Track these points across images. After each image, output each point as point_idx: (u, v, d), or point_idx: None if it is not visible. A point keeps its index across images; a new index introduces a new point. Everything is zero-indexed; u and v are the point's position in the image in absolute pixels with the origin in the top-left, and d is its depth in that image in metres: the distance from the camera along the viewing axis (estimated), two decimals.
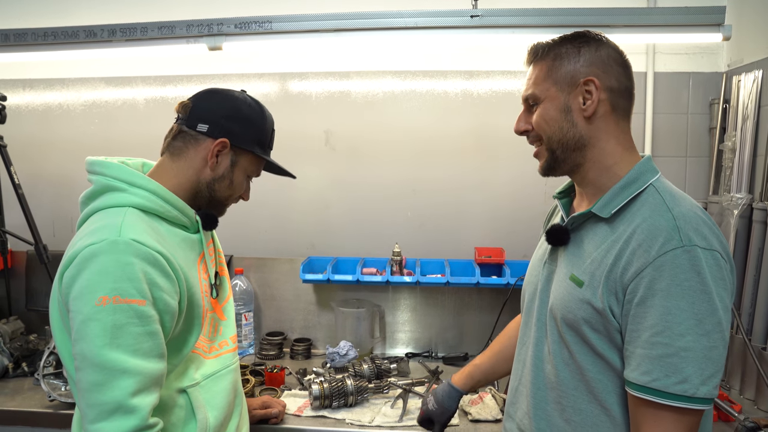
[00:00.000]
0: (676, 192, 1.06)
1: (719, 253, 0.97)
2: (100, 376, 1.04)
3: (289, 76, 2.50)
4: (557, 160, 1.14)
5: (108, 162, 1.25)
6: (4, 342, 2.14)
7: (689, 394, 0.94)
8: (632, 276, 0.99)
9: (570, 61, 1.10)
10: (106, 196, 1.22)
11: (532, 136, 1.17)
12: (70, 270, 1.09)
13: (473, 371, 1.55)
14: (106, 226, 1.13)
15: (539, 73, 1.13)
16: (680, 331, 0.94)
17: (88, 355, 1.04)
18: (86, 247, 1.09)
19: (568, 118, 1.10)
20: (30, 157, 2.56)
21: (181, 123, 1.32)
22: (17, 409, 1.80)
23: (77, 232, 1.21)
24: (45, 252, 2.27)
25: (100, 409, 1.03)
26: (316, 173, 2.48)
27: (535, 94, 1.13)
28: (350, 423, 1.72)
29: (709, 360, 0.94)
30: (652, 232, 0.99)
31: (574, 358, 1.09)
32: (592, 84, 1.08)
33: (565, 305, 1.09)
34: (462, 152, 2.44)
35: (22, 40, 1.99)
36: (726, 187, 2.12)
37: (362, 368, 1.99)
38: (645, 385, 0.96)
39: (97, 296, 1.05)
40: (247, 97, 1.37)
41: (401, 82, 2.46)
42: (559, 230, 1.16)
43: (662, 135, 2.36)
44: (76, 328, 1.06)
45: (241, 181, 1.37)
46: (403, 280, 2.28)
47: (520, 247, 2.39)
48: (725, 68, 2.30)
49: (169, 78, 2.53)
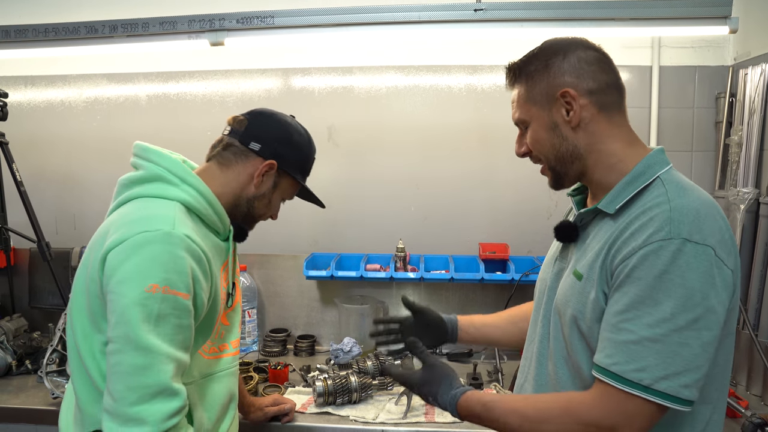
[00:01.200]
0: (684, 183, 1.03)
1: (712, 250, 0.93)
2: (145, 360, 1.04)
3: (291, 72, 2.48)
4: (560, 176, 1.14)
5: (163, 153, 1.28)
6: (7, 339, 2.14)
7: (645, 384, 0.92)
8: (619, 262, 0.99)
9: (541, 77, 1.10)
10: (154, 185, 1.24)
11: (533, 157, 1.18)
12: (117, 253, 1.09)
13: (476, 318, 1.57)
14: (158, 217, 1.14)
15: (519, 97, 1.15)
16: (648, 321, 0.93)
17: (133, 338, 1.04)
18: (139, 233, 1.09)
19: (557, 133, 1.10)
20: (32, 154, 2.55)
21: (233, 136, 1.35)
22: (21, 407, 1.80)
23: (114, 211, 1.23)
24: (48, 249, 2.27)
25: (143, 391, 1.03)
26: (319, 169, 2.44)
27: (521, 118, 1.15)
28: (354, 420, 1.71)
29: (676, 356, 0.92)
30: (645, 222, 0.98)
31: (571, 355, 1.08)
32: (568, 94, 1.07)
33: (567, 300, 1.09)
34: (466, 147, 2.43)
35: (23, 37, 1.98)
36: (732, 181, 2.10)
37: (366, 365, 1.98)
38: (606, 368, 0.97)
39: (147, 283, 1.06)
40: (299, 124, 1.43)
41: (404, 77, 2.44)
42: (568, 227, 1.15)
43: (668, 129, 2.34)
44: (120, 311, 1.05)
45: (278, 202, 1.43)
46: (407, 276, 2.27)
47: (525, 242, 2.38)
48: (732, 62, 2.27)
49: (171, 74, 2.52)
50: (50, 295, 2.47)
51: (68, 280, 2.45)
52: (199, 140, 2.50)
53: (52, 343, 1.90)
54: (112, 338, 1.06)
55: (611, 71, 1.10)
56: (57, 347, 1.88)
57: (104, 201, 2.72)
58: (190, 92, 2.52)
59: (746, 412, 1.62)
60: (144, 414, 1.03)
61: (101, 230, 1.20)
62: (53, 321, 2.11)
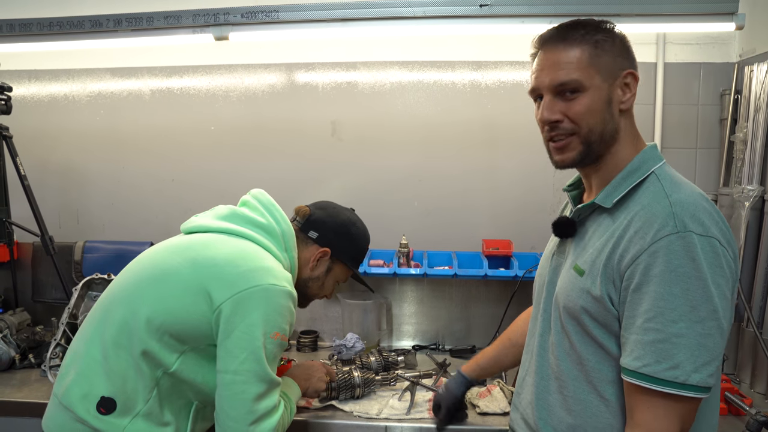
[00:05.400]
0: (677, 179, 1.06)
1: (717, 240, 0.95)
2: (265, 389, 1.28)
3: (295, 67, 2.48)
4: (591, 153, 1.09)
5: (284, 216, 1.49)
6: (11, 333, 2.14)
7: (680, 381, 0.93)
8: (629, 263, 0.99)
9: (611, 49, 1.07)
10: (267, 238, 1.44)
11: (563, 126, 1.08)
12: (249, 297, 1.27)
13: (480, 358, 1.57)
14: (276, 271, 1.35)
15: (582, 57, 1.05)
16: (673, 317, 0.94)
17: (261, 373, 1.27)
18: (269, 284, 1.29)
19: (609, 110, 1.07)
20: (36, 148, 2.55)
21: (297, 224, 1.55)
22: (24, 401, 1.80)
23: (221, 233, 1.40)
24: (51, 243, 2.27)
25: (261, 413, 1.27)
26: (324, 164, 2.46)
27: (581, 81, 1.04)
28: (358, 415, 1.71)
29: (702, 347, 0.93)
30: (648, 219, 0.99)
31: (574, 348, 1.09)
32: (631, 76, 1.07)
33: (567, 294, 1.09)
34: (469, 143, 2.42)
35: (28, 30, 1.99)
36: (737, 178, 2.10)
37: (369, 360, 1.98)
38: (636, 371, 0.97)
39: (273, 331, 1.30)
40: (357, 218, 1.63)
41: (408, 72, 2.44)
42: (566, 222, 1.16)
43: (672, 126, 2.33)
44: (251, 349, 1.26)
45: (331, 285, 1.61)
46: (410, 272, 2.26)
47: (528, 239, 2.38)
48: (737, 58, 2.27)
49: (175, 69, 2.52)
50: (53, 289, 2.47)
51: (71, 274, 2.45)
52: (202, 135, 2.52)
53: (55, 337, 1.90)
54: (240, 371, 1.25)
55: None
56: (60, 341, 1.88)
57: (107, 195, 2.74)
58: (193, 87, 2.52)
59: (751, 410, 1.62)
60: (259, 430, 1.26)
61: (201, 239, 1.38)
62: (56, 315, 2.11)
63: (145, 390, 1.27)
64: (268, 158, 2.49)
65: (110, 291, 1.38)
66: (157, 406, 1.28)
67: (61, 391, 1.29)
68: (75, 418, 1.26)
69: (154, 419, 1.28)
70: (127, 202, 2.58)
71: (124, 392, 1.26)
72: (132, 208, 2.58)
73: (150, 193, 2.56)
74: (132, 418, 1.26)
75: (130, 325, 1.28)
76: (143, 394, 1.27)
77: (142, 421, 1.27)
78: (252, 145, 2.50)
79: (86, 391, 1.26)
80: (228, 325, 1.24)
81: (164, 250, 1.38)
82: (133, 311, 1.28)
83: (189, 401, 1.35)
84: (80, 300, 1.97)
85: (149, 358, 1.27)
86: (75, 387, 1.27)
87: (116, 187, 2.58)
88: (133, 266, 1.41)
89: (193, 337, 1.28)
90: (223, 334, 1.25)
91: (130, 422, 1.26)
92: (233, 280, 1.26)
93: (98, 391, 1.26)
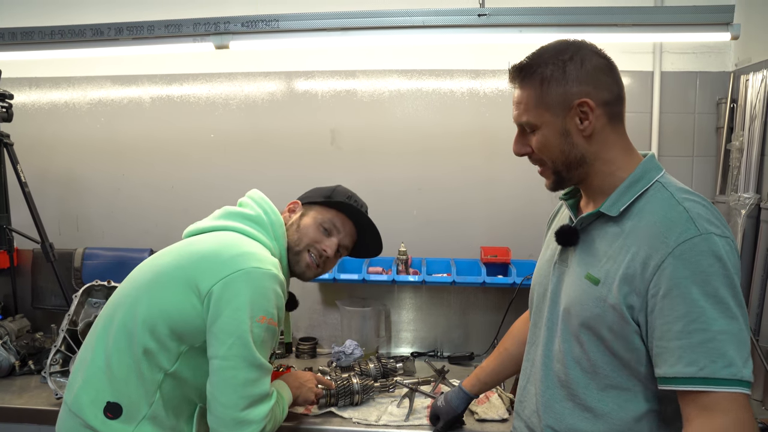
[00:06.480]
0: (682, 187, 1.08)
1: (731, 240, 0.99)
2: (256, 374, 1.28)
3: (294, 75, 2.50)
4: (563, 180, 1.14)
5: (274, 209, 1.52)
6: (10, 340, 2.14)
7: (738, 377, 0.93)
8: (653, 269, 0.99)
9: (558, 83, 1.07)
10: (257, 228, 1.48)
11: (534, 158, 1.16)
12: (234, 280, 1.28)
13: (479, 373, 1.57)
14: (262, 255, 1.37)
15: (528, 99, 1.10)
16: (713, 315, 0.94)
17: (249, 357, 1.27)
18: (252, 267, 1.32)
19: (567, 140, 1.09)
20: (36, 155, 2.56)
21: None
22: (24, 407, 1.80)
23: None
24: (51, 250, 2.27)
25: (252, 398, 1.27)
26: (322, 172, 2.47)
27: (530, 122, 1.11)
28: (357, 422, 1.71)
29: (742, 343, 0.95)
30: (666, 226, 1.00)
31: (588, 356, 1.09)
32: (586, 105, 1.06)
33: (582, 304, 1.09)
34: (468, 151, 2.44)
35: (29, 39, 2.00)
36: (733, 186, 2.11)
37: (368, 367, 1.99)
38: (693, 376, 0.94)
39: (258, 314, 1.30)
40: (337, 186, 1.64)
41: (407, 81, 2.45)
42: (569, 231, 1.16)
43: (669, 135, 2.35)
44: (237, 334, 1.26)
45: (309, 224, 1.53)
46: (408, 279, 2.27)
47: (526, 246, 2.39)
48: (733, 67, 2.29)
49: (175, 77, 2.53)
50: (53, 296, 2.48)
51: (71, 281, 2.46)
52: (202, 142, 2.53)
53: (55, 343, 1.90)
54: (229, 356, 1.25)
55: (620, 82, 1.11)
56: (60, 348, 1.88)
57: (107, 202, 2.74)
58: (193, 94, 2.54)
59: None
60: (251, 416, 1.27)
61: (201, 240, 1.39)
62: (56, 322, 2.11)
63: (148, 394, 1.29)
64: (268, 166, 2.51)
65: (113, 298, 1.42)
66: (161, 409, 1.31)
67: (71, 399, 1.33)
68: (84, 425, 1.29)
69: (159, 423, 1.31)
70: (127, 210, 2.59)
71: (128, 396, 1.28)
72: (131, 216, 2.59)
73: (149, 200, 2.57)
74: (138, 422, 1.28)
75: (128, 327, 1.31)
76: (147, 398, 1.29)
77: (148, 425, 1.29)
78: (251, 153, 2.52)
79: (93, 398, 1.29)
80: (215, 309, 1.25)
81: (160, 254, 1.43)
82: (132, 314, 1.31)
83: (192, 404, 1.37)
84: (80, 306, 1.97)
85: (150, 359, 1.29)
86: (82, 394, 1.30)
87: (116, 195, 2.59)
88: (134, 273, 1.44)
89: (189, 334, 1.29)
90: (211, 319, 1.26)
91: (136, 427, 1.28)
92: (218, 268, 1.28)
93: (104, 397, 1.28)
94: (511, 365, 1.50)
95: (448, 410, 1.59)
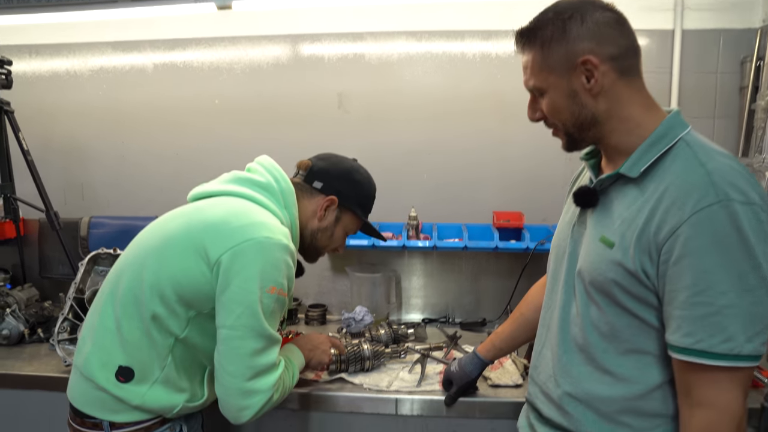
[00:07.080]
0: (708, 145, 1.01)
1: (759, 207, 0.92)
2: (263, 344, 1.26)
3: (300, 38, 2.42)
4: (576, 141, 1.12)
5: (285, 176, 1.47)
6: (19, 308, 2.14)
7: (735, 353, 0.91)
8: (667, 235, 0.95)
9: (559, 43, 1.03)
10: (266, 195, 1.44)
11: (548, 123, 1.13)
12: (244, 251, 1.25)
13: (494, 339, 1.54)
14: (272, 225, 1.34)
15: (533, 64, 1.08)
16: (722, 288, 0.91)
17: (257, 328, 1.25)
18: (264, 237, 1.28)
19: (576, 101, 1.05)
20: (38, 123, 2.52)
21: (301, 177, 1.53)
22: (34, 374, 1.81)
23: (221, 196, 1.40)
24: (56, 219, 2.25)
25: (259, 368, 1.26)
26: (329, 137, 2.42)
27: (537, 85, 1.09)
28: (368, 388, 1.69)
29: (754, 316, 0.91)
30: (685, 189, 0.94)
31: (607, 320, 1.06)
32: (589, 62, 1.01)
33: (595, 267, 1.06)
34: (479, 114, 2.36)
35: (26, 2, 1.94)
36: (757, 148, 2.04)
37: (379, 333, 1.96)
38: (689, 347, 0.94)
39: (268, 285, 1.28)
40: (359, 166, 1.59)
41: (417, 43, 2.37)
42: (588, 192, 1.12)
43: (689, 95, 2.27)
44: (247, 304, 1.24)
45: (341, 236, 1.57)
46: (419, 244, 2.23)
47: (540, 211, 2.34)
48: (760, 23, 2.18)
49: (177, 41, 2.47)
50: (60, 265, 2.46)
51: (77, 250, 2.44)
52: (206, 109, 2.48)
53: (63, 312, 1.89)
54: (237, 326, 1.23)
55: (630, 33, 1.05)
56: (68, 316, 1.88)
57: (112, 171, 2.71)
58: (197, 59, 2.47)
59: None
60: (257, 386, 1.26)
61: (200, 205, 1.36)
62: (64, 290, 2.10)
63: (159, 358, 1.29)
64: (274, 131, 2.45)
65: (119, 263, 1.40)
66: (173, 372, 1.31)
67: (81, 362, 1.32)
68: (96, 387, 1.29)
69: (172, 385, 1.31)
70: (132, 177, 2.55)
71: (140, 361, 1.28)
72: (136, 183, 2.55)
73: (154, 168, 2.53)
74: (150, 385, 1.29)
75: (136, 293, 1.29)
76: (158, 362, 1.29)
77: (160, 388, 1.29)
78: (257, 119, 2.46)
79: (104, 361, 1.29)
80: (225, 278, 1.24)
81: (165, 219, 1.40)
82: (138, 279, 1.29)
83: (203, 366, 1.38)
84: (87, 275, 1.95)
85: (159, 324, 1.27)
86: (93, 357, 1.30)
87: (120, 163, 2.55)
88: (138, 238, 1.42)
89: (198, 300, 1.27)
90: (220, 288, 1.24)
91: (149, 389, 1.28)
92: (228, 236, 1.25)
93: (116, 361, 1.28)
94: (527, 331, 1.47)
95: (462, 375, 1.57)
